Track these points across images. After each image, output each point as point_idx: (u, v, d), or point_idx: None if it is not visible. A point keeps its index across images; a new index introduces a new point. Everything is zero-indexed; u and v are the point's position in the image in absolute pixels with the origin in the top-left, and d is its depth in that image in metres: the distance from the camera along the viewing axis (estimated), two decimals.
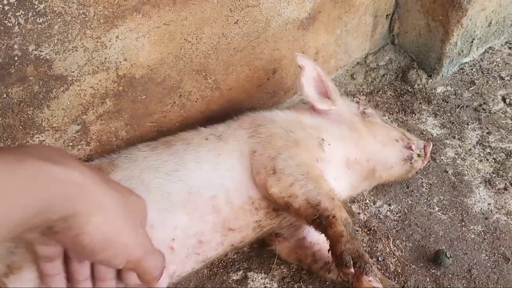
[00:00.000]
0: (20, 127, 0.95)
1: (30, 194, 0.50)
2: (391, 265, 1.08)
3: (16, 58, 0.86)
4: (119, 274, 0.73)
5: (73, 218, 0.55)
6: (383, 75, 1.59)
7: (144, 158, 1.01)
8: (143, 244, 0.67)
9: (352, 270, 0.84)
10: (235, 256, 1.12)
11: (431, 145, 1.24)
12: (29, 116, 0.95)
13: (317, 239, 1.07)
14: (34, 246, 0.67)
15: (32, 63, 0.89)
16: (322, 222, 0.92)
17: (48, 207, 0.52)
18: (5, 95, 0.90)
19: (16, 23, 0.82)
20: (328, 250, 0.91)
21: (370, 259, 0.88)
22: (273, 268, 1.08)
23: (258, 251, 1.12)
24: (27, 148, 0.55)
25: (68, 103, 0.99)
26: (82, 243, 0.58)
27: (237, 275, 1.08)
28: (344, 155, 1.11)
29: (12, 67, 0.87)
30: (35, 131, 0.98)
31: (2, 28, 0.81)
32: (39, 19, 0.85)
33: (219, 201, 0.98)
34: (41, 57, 0.89)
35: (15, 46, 0.85)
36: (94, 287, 0.73)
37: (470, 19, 1.46)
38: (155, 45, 1.04)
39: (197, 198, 0.97)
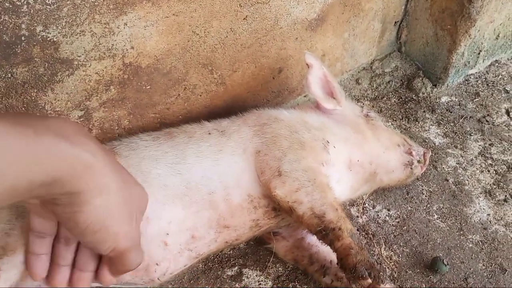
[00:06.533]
0: (23, 108, 0.94)
1: (40, 167, 0.52)
2: (387, 269, 1.07)
3: (23, 38, 0.86)
4: (98, 270, 0.74)
5: (76, 195, 0.57)
6: (388, 81, 1.58)
7: (145, 147, 1.00)
8: (132, 237, 0.68)
9: (370, 280, 0.84)
10: (231, 251, 1.10)
11: (430, 153, 1.24)
12: (33, 98, 0.94)
13: (315, 241, 1.06)
14: (30, 217, 0.69)
15: (38, 44, 0.88)
16: (328, 234, 0.91)
17: (55, 181, 0.54)
18: (9, 75, 0.89)
19: (25, 2, 0.82)
20: (337, 263, 0.90)
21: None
22: (269, 266, 1.07)
23: (254, 248, 1.11)
24: (47, 122, 0.56)
25: (73, 87, 0.98)
26: (77, 221, 0.59)
27: (232, 271, 1.07)
28: (348, 157, 1.10)
29: (18, 46, 0.86)
30: (38, 114, 0.97)
31: (10, 6, 0.81)
32: (49, 0, 0.84)
33: (217, 197, 0.96)
34: (48, 39, 0.89)
35: (23, 26, 0.84)
36: (72, 275, 0.74)
37: (479, 30, 1.46)
38: (163, 35, 1.03)
39: (195, 193, 0.95)
